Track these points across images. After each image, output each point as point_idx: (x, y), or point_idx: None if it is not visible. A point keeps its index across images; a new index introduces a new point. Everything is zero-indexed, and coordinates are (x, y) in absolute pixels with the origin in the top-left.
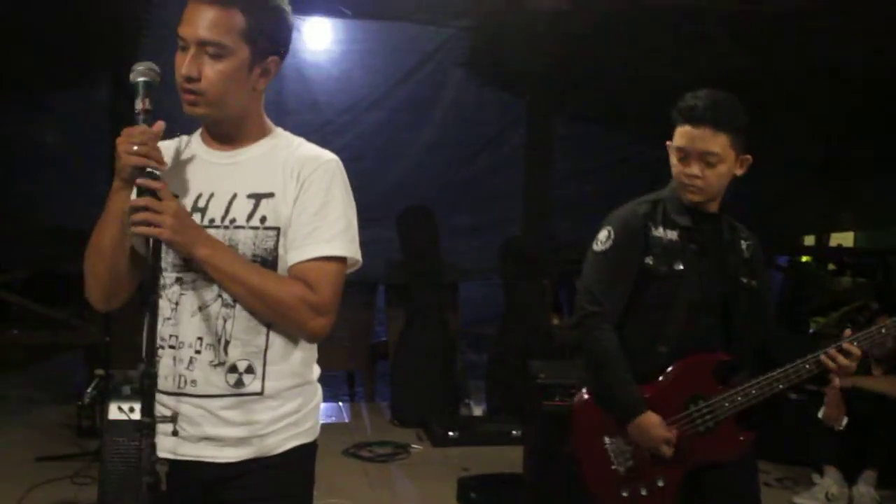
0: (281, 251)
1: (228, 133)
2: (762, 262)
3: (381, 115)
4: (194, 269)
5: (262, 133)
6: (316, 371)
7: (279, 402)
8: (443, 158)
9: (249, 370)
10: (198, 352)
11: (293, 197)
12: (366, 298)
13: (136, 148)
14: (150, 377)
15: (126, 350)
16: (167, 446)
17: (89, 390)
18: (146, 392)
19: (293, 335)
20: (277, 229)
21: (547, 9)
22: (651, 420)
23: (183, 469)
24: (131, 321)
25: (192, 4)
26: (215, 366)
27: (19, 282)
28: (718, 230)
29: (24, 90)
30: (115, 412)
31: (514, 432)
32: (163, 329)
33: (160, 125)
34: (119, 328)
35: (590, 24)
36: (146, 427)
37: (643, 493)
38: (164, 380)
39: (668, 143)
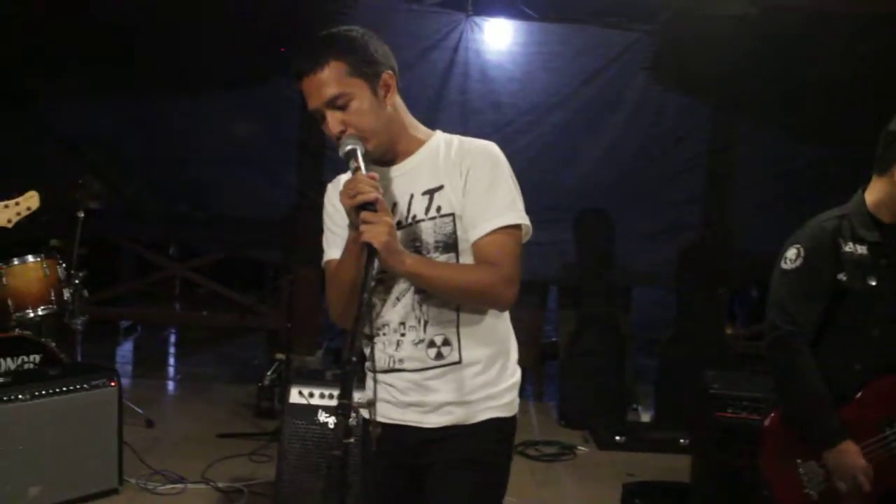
0: (460, 233)
1: (394, 153)
2: None
3: (562, 117)
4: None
5: (422, 141)
6: (513, 342)
7: (478, 370)
8: (623, 162)
9: (446, 343)
10: (403, 335)
11: (461, 186)
12: (538, 298)
13: (353, 194)
14: (351, 364)
15: (305, 336)
16: (381, 411)
17: (269, 373)
18: (346, 377)
19: (480, 308)
20: (452, 215)
21: (733, 13)
22: (851, 449)
23: (393, 432)
24: (311, 309)
25: (303, 82)
26: (417, 344)
27: (209, 267)
28: None
29: (219, 84)
30: (295, 396)
31: (681, 441)
32: (377, 321)
33: (373, 174)
34: (300, 315)
35: (776, 29)
36: (342, 407)
37: None
38: (379, 362)
39: None
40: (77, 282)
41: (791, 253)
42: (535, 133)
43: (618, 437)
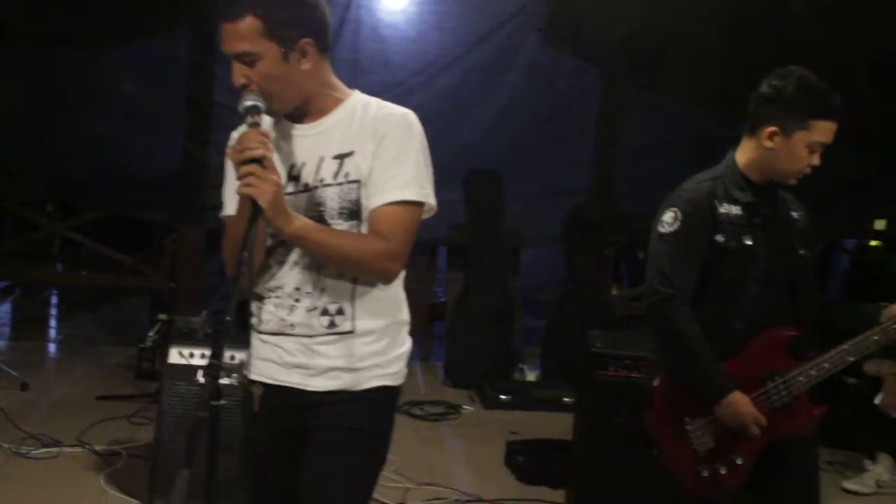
0: (364, 201)
1: (307, 111)
2: (813, 232)
3: (454, 78)
4: None
5: (339, 100)
6: (405, 314)
7: (370, 340)
8: (513, 123)
9: (340, 312)
10: (297, 300)
11: (371, 152)
12: (427, 259)
13: (241, 149)
14: (222, 325)
15: (189, 297)
16: (265, 371)
17: (151, 334)
18: (217, 336)
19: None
20: (359, 182)
21: None
22: (741, 399)
23: (275, 393)
24: (195, 270)
25: (221, 25)
26: (310, 311)
27: (90, 225)
28: (776, 203)
29: (105, 39)
30: (175, 357)
31: (566, 399)
32: (269, 283)
33: (265, 130)
34: (183, 276)
35: None
36: (212, 367)
37: (722, 471)
38: (267, 324)
39: (780, 131)
40: None
41: (668, 216)
42: (427, 93)
43: (503, 397)
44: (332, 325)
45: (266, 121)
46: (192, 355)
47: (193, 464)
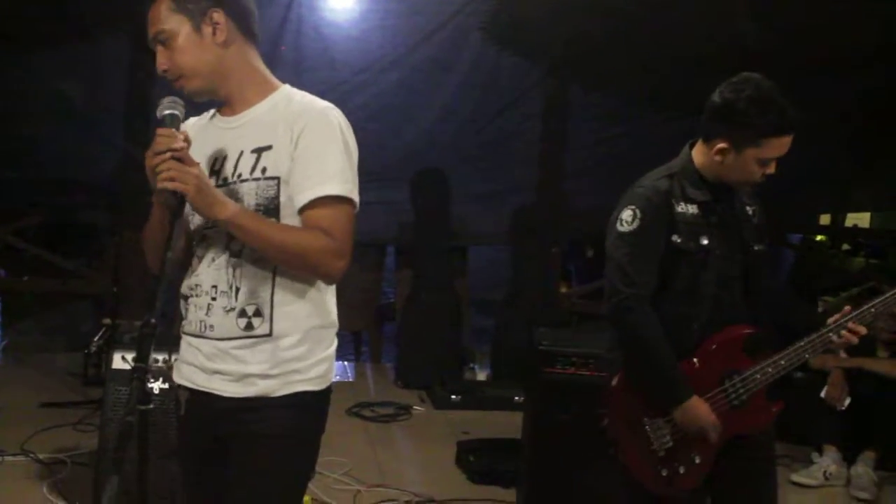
0: (283, 199)
1: (231, 98)
2: (766, 225)
3: (397, 76)
4: (215, 226)
5: (265, 93)
6: (332, 317)
7: (290, 342)
8: (458, 122)
9: (257, 314)
10: (213, 299)
11: (291, 147)
12: (375, 259)
13: (155, 152)
14: (149, 326)
15: (133, 300)
16: (188, 375)
17: (96, 339)
18: (143, 339)
19: (300, 279)
20: (278, 178)
21: None
22: (698, 405)
23: (198, 398)
24: (139, 273)
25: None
26: (228, 311)
27: (32, 230)
28: (732, 201)
29: (44, 40)
30: (118, 361)
31: (516, 398)
32: (190, 280)
33: (185, 133)
34: (127, 279)
35: None
36: (138, 371)
37: (681, 471)
38: (190, 324)
39: (730, 147)
40: None
41: (626, 215)
42: (370, 92)
43: (454, 396)
44: (248, 326)
45: (192, 122)
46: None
47: (122, 470)
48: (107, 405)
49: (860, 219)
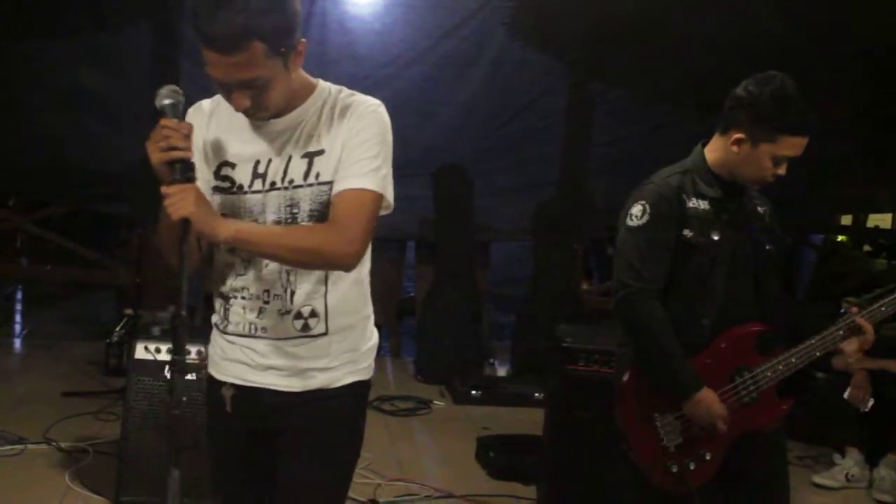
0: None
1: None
2: (777, 228)
3: (421, 71)
4: None
5: (307, 93)
6: (370, 306)
7: (342, 337)
8: (481, 118)
9: (313, 314)
10: (266, 302)
11: (339, 151)
12: (396, 254)
13: (165, 147)
14: (180, 318)
15: (155, 292)
16: (235, 372)
17: (118, 329)
18: (177, 333)
19: (346, 276)
20: (331, 183)
21: None
22: (709, 396)
23: (248, 394)
24: (161, 264)
25: (209, 52)
26: (283, 314)
27: (55, 220)
28: (743, 199)
29: (69, 32)
30: (141, 352)
31: (536, 395)
32: (235, 282)
33: (188, 124)
34: (149, 271)
35: None
36: (176, 364)
37: (691, 466)
38: (236, 326)
39: (746, 138)
40: None
41: (636, 210)
42: (393, 87)
43: (474, 392)
44: (305, 328)
45: (207, 107)
46: (158, 350)
47: (181, 463)
48: (129, 395)
49: (882, 220)
